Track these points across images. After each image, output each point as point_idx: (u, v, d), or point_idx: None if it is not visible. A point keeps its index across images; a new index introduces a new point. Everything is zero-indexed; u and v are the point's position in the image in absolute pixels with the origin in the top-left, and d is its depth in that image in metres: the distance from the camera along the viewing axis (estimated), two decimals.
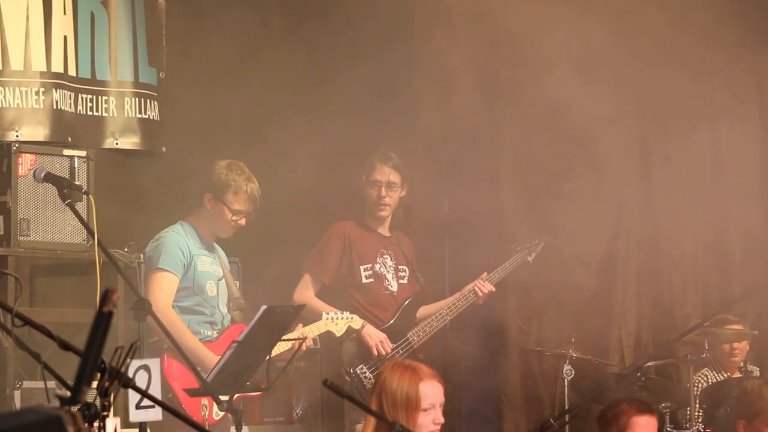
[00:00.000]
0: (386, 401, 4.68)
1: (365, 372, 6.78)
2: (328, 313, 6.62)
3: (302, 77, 7.71)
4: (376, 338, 6.85)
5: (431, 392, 4.73)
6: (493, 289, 7.17)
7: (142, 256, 6.59)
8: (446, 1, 7.77)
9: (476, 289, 7.12)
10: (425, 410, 4.69)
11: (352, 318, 6.70)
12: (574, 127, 7.97)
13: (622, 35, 7.90)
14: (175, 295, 6.29)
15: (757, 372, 7.96)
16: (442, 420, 4.74)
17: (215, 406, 6.16)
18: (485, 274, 7.20)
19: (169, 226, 6.42)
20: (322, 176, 7.40)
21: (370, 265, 7.04)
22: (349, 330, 6.70)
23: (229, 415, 5.88)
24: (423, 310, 7.11)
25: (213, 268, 6.44)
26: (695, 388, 7.41)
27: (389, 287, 7.07)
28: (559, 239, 7.75)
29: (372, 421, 4.80)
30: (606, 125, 8.23)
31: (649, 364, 7.65)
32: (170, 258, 6.29)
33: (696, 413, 7.31)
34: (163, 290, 6.17)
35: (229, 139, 7.28)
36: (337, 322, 6.63)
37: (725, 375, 7.82)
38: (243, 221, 6.44)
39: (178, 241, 6.34)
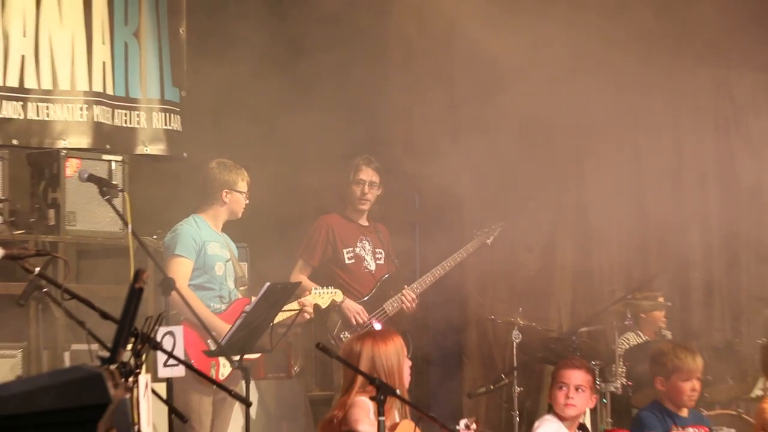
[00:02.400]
0: (384, 363, 4.86)
1: (348, 337, 6.79)
2: (315, 289, 6.66)
3: (300, 96, 7.70)
4: (354, 310, 6.87)
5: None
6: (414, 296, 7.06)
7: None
8: (419, 22, 7.73)
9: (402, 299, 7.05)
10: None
11: (335, 292, 6.72)
12: (522, 140, 8.00)
13: (567, 57, 7.88)
14: (191, 274, 6.32)
15: (669, 335, 8.01)
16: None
17: (221, 367, 6.18)
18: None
19: (183, 219, 6.42)
20: (316, 177, 7.42)
21: (351, 249, 7.03)
22: (333, 302, 6.73)
23: (235, 373, 5.90)
24: None
25: (221, 252, 6.42)
26: (619, 349, 7.45)
27: (368, 267, 7.06)
28: (509, 227, 7.76)
29: (357, 381, 4.87)
30: (546, 139, 8.26)
31: (581, 329, 7.70)
32: (184, 246, 6.27)
33: (620, 369, 7.34)
34: (180, 273, 6.13)
35: (239, 146, 7.27)
36: (322, 295, 6.65)
37: (644, 338, 7.85)
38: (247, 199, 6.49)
39: (191, 231, 6.32)
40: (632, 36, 7.83)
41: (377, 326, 6.77)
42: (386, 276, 7.08)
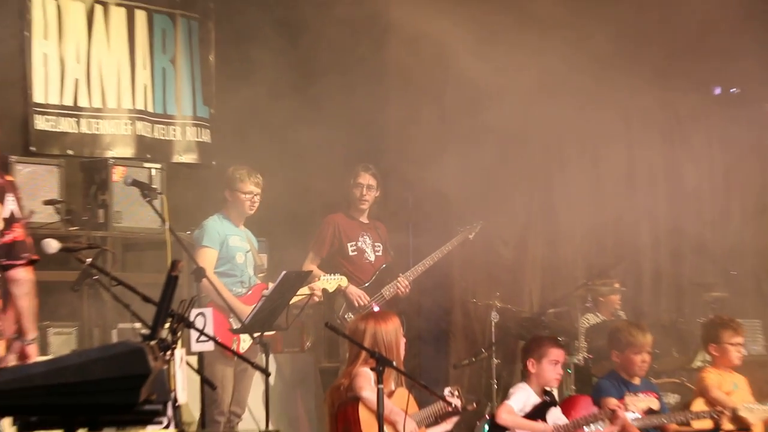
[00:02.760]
0: (384, 340, 4.87)
1: (351, 317, 6.80)
2: (324, 276, 6.67)
3: (310, 113, 7.68)
4: (356, 294, 6.86)
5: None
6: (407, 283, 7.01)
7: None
8: (413, 50, 7.71)
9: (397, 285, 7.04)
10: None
11: (341, 278, 6.74)
12: (500, 150, 7.99)
13: (537, 79, 7.86)
14: (216, 263, 6.32)
15: (623, 316, 8.01)
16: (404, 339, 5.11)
17: (242, 342, 6.19)
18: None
19: (209, 217, 6.41)
20: (325, 182, 7.41)
21: (354, 243, 7.02)
22: (339, 288, 6.74)
23: (254, 347, 5.89)
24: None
25: (241, 244, 6.40)
26: (581, 327, 7.46)
27: (368, 258, 7.05)
28: (489, 224, 7.75)
29: (360, 355, 4.89)
30: (520, 149, 8.25)
31: (549, 311, 7.70)
32: (210, 238, 6.27)
33: (582, 345, 7.36)
34: (206, 261, 6.14)
35: (259, 155, 7.27)
36: (330, 281, 6.65)
37: (602, 318, 7.85)
38: (256, 198, 6.38)
39: (215, 225, 6.33)
40: (591, 61, 7.84)
41: (376, 308, 6.77)
42: (384, 266, 7.09)
